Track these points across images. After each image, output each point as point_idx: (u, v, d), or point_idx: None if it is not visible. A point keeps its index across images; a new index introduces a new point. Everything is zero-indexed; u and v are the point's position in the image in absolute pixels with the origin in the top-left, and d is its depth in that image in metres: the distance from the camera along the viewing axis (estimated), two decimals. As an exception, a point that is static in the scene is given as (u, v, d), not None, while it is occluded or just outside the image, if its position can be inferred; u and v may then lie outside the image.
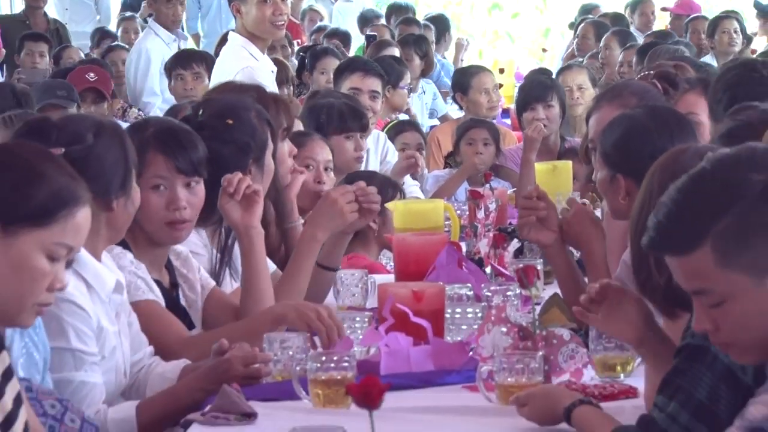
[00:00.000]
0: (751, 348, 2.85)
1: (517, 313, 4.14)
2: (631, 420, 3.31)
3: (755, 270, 2.75)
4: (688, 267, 2.81)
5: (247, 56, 7.38)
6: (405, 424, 3.43)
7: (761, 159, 2.80)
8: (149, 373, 4.12)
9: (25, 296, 3.08)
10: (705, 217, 2.77)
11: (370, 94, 7.98)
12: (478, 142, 8.07)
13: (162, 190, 4.36)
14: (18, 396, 3.18)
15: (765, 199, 2.74)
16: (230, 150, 4.69)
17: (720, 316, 2.80)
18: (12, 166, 3.13)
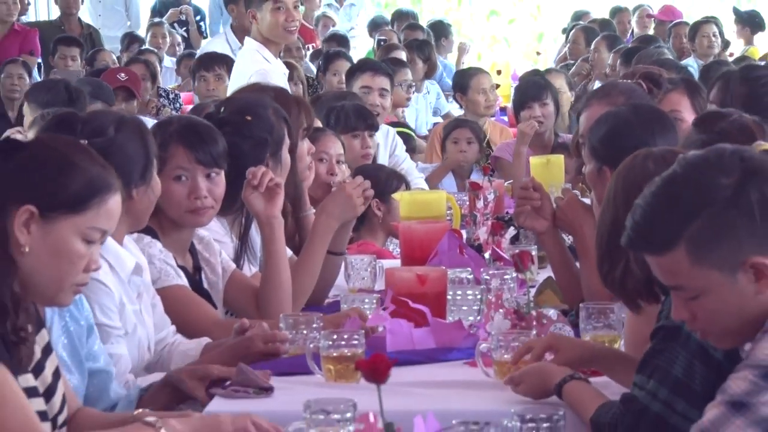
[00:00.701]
0: (726, 335, 2.86)
1: (514, 295, 4.13)
2: (617, 393, 3.31)
3: (726, 267, 2.76)
4: (665, 265, 2.82)
5: (261, 59, 7.39)
6: (410, 397, 3.43)
7: (729, 162, 2.79)
8: (173, 350, 4.13)
9: (63, 277, 3.09)
10: (678, 220, 2.77)
11: (379, 91, 8.01)
12: (462, 141, 8.10)
13: (184, 181, 4.38)
14: (56, 370, 3.19)
15: (733, 202, 2.75)
16: (249, 144, 4.69)
17: (696, 308, 2.81)
18: (48, 158, 3.13)
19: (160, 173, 4.28)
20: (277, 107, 4.89)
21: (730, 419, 2.71)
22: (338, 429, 2.96)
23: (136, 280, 4.03)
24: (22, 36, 12.82)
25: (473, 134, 8.15)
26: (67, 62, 11.29)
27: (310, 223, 5.14)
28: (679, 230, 2.77)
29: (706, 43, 11.91)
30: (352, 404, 2.96)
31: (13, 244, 3.03)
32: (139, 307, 4.02)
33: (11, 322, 2.96)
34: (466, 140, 8.11)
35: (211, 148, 4.43)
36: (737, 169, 2.77)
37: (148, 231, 4.32)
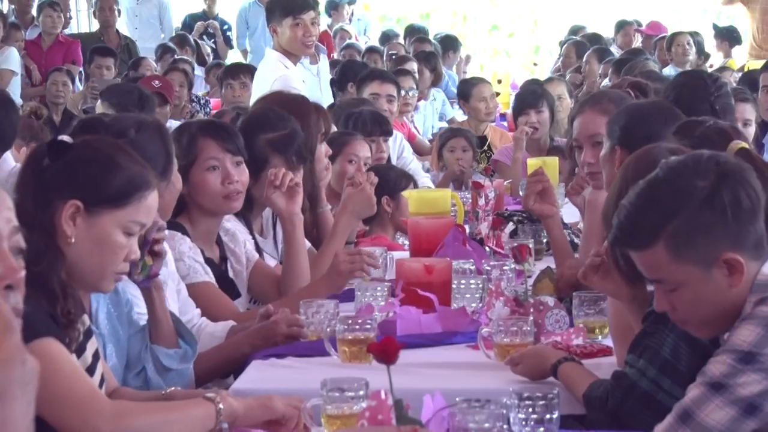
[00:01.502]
0: (703, 325, 2.86)
1: (512, 284, 4.13)
2: (607, 373, 3.31)
3: (703, 262, 2.76)
4: (646, 260, 2.82)
5: (281, 67, 7.40)
6: (417, 377, 3.43)
7: (705, 167, 2.80)
8: (200, 331, 4.13)
9: (105, 266, 3.10)
10: (658, 219, 2.78)
11: (387, 98, 8.04)
12: (458, 149, 8.09)
13: (216, 170, 4.39)
14: (96, 352, 3.19)
15: (708, 203, 2.75)
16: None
17: (676, 299, 2.81)
18: (93, 157, 3.14)
19: (194, 167, 4.32)
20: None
21: (709, 399, 2.71)
22: (352, 405, 2.96)
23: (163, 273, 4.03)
24: (65, 47, 12.84)
25: (467, 143, 8.15)
26: (102, 71, 11.30)
27: (326, 218, 5.16)
28: (659, 228, 2.77)
29: (681, 51, 11.99)
30: (364, 383, 2.97)
31: (60, 235, 3.04)
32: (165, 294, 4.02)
33: (60, 306, 2.97)
34: (462, 148, 8.11)
35: (235, 138, 4.47)
36: (712, 173, 2.78)
37: (179, 227, 4.32)
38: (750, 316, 2.73)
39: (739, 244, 2.75)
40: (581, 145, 4.62)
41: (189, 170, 4.34)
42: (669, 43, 12.25)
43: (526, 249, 4.43)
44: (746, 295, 2.76)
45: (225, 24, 15.24)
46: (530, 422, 2.91)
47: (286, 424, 3.02)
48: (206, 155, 4.39)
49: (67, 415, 2.77)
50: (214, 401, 2.94)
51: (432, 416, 2.76)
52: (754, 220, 2.77)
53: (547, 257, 5.26)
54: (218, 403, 2.93)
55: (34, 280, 2.95)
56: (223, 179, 4.38)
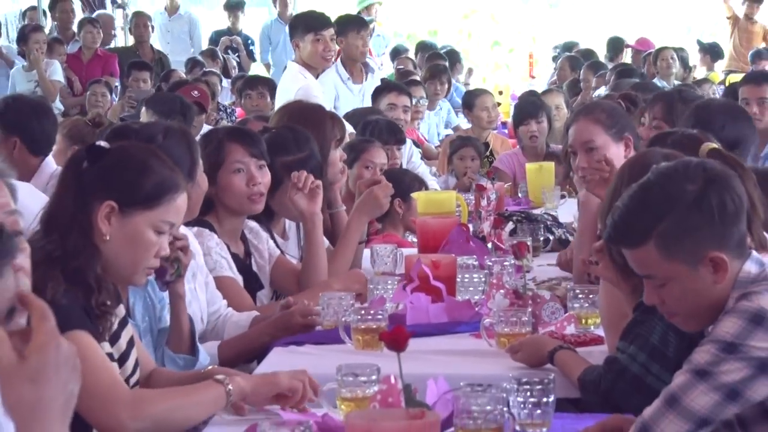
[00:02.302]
0: (690, 318, 2.85)
1: (512, 278, 4.12)
2: (599, 360, 3.30)
3: (690, 260, 2.76)
4: (638, 258, 2.82)
5: (302, 78, 7.41)
6: (425, 363, 3.42)
7: (693, 172, 2.80)
8: (226, 320, 4.13)
9: (138, 262, 3.10)
10: (649, 220, 2.78)
11: (402, 108, 8.06)
12: (467, 158, 8.11)
13: (241, 172, 4.38)
14: (131, 339, 3.19)
15: (696, 205, 2.75)
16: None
17: (664, 294, 2.81)
18: (127, 162, 3.14)
19: (221, 169, 4.32)
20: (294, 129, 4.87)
21: (694, 385, 2.70)
22: (365, 389, 2.96)
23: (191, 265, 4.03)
24: (103, 60, 12.86)
25: (476, 152, 8.17)
26: (139, 84, 11.31)
27: (340, 218, 5.16)
28: (650, 228, 2.76)
29: (665, 66, 11.98)
30: (376, 368, 2.97)
31: (96, 233, 3.04)
32: (193, 285, 4.02)
33: (95, 298, 2.97)
34: (470, 157, 8.13)
35: (259, 144, 4.46)
36: (700, 178, 2.77)
37: (207, 225, 4.32)
38: (733, 310, 2.72)
39: (724, 244, 2.75)
40: (576, 151, 4.61)
41: (216, 172, 4.33)
42: (654, 57, 12.24)
43: (525, 246, 4.41)
44: (729, 291, 2.76)
45: (249, 39, 15.24)
46: (528, 405, 2.91)
47: (292, 396, 3.02)
48: (232, 159, 4.38)
49: (91, 403, 2.76)
50: (224, 383, 2.96)
51: (438, 399, 2.75)
52: (737, 221, 2.77)
53: (544, 254, 5.26)
54: (227, 385, 2.96)
55: (71, 275, 2.97)
56: (247, 181, 4.38)
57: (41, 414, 1.73)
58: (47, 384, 1.73)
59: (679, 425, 2.69)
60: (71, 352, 1.76)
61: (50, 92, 11.55)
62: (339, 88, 8.56)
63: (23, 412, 1.73)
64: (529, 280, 4.25)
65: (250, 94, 9.83)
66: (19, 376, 1.71)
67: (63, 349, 1.75)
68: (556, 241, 5.41)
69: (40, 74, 11.88)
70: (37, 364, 1.72)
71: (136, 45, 13.70)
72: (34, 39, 12.11)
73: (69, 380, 1.76)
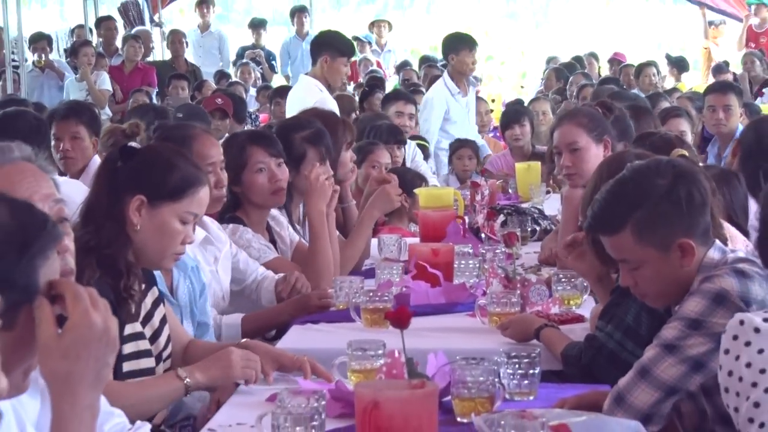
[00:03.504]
0: (659, 297, 2.86)
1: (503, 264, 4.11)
2: (580, 337, 3.29)
3: (661, 246, 2.76)
4: (614, 244, 2.82)
5: (318, 92, 7.28)
6: (425, 339, 3.41)
7: (663, 169, 2.80)
8: (263, 281, 4.17)
9: (165, 248, 3.09)
10: (625, 210, 2.78)
11: (408, 115, 8.03)
12: (465, 158, 8.11)
13: (263, 171, 4.36)
14: (163, 318, 3.18)
15: (666, 197, 2.76)
16: None
17: (638, 276, 2.80)
18: (156, 160, 3.14)
19: (245, 170, 4.30)
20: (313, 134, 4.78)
21: (663, 358, 2.69)
22: (372, 362, 2.95)
23: (212, 249, 4.03)
24: (143, 72, 12.85)
25: (473, 152, 8.17)
26: (178, 91, 11.34)
27: (351, 212, 5.17)
28: (626, 217, 2.76)
29: (648, 81, 11.94)
30: (382, 344, 2.96)
31: (128, 224, 3.04)
32: (215, 268, 4.03)
33: (123, 282, 2.97)
34: (468, 157, 8.13)
35: (276, 144, 4.44)
36: (670, 174, 2.78)
37: (238, 220, 4.34)
38: (697, 291, 2.72)
39: (692, 232, 2.74)
40: (561, 152, 4.59)
41: (241, 173, 4.32)
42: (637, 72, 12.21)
43: (515, 236, 4.41)
44: (695, 274, 2.76)
45: (270, 54, 15.25)
46: (516, 376, 2.90)
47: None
48: (255, 160, 4.36)
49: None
50: (183, 378, 2.94)
51: (437, 371, 2.75)
52: (703, 212, 2.77)
53: (531, 243, 5.25)
54: (185, 378, 2.94)
55: (104, 261, 2.96)
56: (269, 178, 4.36)
57: (71, 386, 1.73)
58: (77, 360, 1.72)
59: (649, 394, 2.68)
60: (105, 328, 1.75)
61: (100, 100, 11.56)
62: (449, 101, 8.45)
63: (56, 383, 1.73)
64: (518, 266, 4.23)
65: (279, 101, 9.90)
66: (54, 350, 1.71)
67: (96, 329, 1.74)
68: (542, 232, 5.41)
69: (89, 84, 11.89)
70: (69, 342, 1.72)
71: (172, 59, 13.70)
72: (83, 53, 12.13)
73: (102, 354, 1.74)
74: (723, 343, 2.26)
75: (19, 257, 1.64)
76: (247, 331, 3.92)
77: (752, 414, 2.19)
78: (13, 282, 1.63)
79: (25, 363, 1.70)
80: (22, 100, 9.36)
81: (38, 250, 1.66)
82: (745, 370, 2.21)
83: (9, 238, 1.64)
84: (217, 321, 3.88)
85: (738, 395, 2.22)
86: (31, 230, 1.66)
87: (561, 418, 2.46)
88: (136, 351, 3.03)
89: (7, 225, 1.65)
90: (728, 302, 2.66)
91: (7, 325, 1.60)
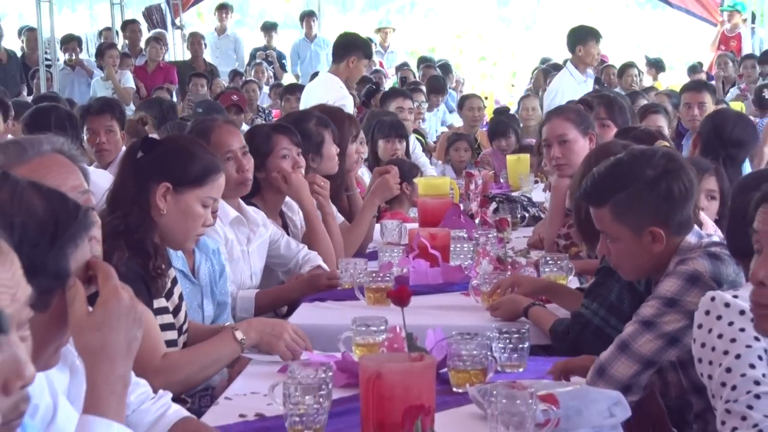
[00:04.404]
0: (630, 271, 2.87)
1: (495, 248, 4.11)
2: (565, 314, 3.29)
3: (635, 228, 2.76)
4: (596, 215, 2.82)
5: (339, 89, 7.17)
6: (423, 316, 3.41)
7: (657, 160, 2.78)
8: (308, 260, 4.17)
9: (188, 230, 3.10)
10: (610, 189, 2.77)
11: (408, 110, 8.00)
12: (461, 150, 8.09)
13: (287, 158, 4.35)
14: (181, 294, 3.18)
15: (650, 187, 2.75)
16: None
17: (612, 248, 2.81)
18: (177, 150, 3.14)
19: (271, 156, 4.28)
20: (321, 117, 4.84)
21: (642, 334, 2.69)
22: (375, 337, 2.95)
23: (244, 230, 4.03)
24: (165, 71, 12.84)
25: (468, 145, 8.18)
26: (197, 89, 11.33)
27: (355, 199, 5.15)
28: (609, 195, 2.76)
29: (630, 81, 11.93)
30: (384, 320, 2.96)
31: (153, 209, 3.04)
32: (246, 248, 4.02)
33: (152, 262, 2.97)
34: (464, 149, 8.13)
35: (296, 134, 4.43)
36: (661, 167, 2.76)
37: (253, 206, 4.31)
38: (673, 272, 2.72)
39: (665, 223, 2.74)
40: (551, 144, 4.60)
41: (266, 159, 4.29)
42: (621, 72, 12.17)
43: (506, 222, 4.41)
44: (672, 256, 2.75)
45: (282, 55, 15.23)
46: (507, 350, 2.90)
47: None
48: (280, 147, 4.35)
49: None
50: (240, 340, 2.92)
51: (434, 345, 2.74)
52: (683, 206, 2.75)
53: (521, 228, 5.25)
54: (243, 340, 2.93)
55: (133, 245, 2.96)
56: (292, 165, 4.36)
57: (105, 356, 1.73)
58: (110, 332, 1.72)
59: (629, 366, 2.68)
60: (132, 304, 1.75)
61: (125, 97, 11.54)
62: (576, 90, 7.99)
63: (90, 355, 1.73)
64: (509, 249, 4.23)
65: (288, 98, 9.95)
66: (87, 326, 1.71)
67: (124, 303, 1.74)
68: (531, 218, 5.41)
69: (114, 83, 11.88)
70: (101, 316, 1.72)
71: (191, 59, 13.68)
72: (108, 54, 12.11)
73: (131, 328, 1.75)
74: (696, 318, 2.26)
75: (50, 245, 1.63)
76: (260, 306, 3.92)
77: (724, 378, 2.20)
78: (45, 268, 1.62)
79: (56, 342, 1.69)
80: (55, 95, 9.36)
81: (69, 238, 1.66)
82: (717, 340, 2.21)
83: (42, 228, 1.63)
84: (234, 294, 3.87)
85: (711, 363, 2.22)
86: (62, 219, 1.65)
87: (548, 388, 2.46)
88: (162, 324, 3.03)
89: (40, 214, 1.64)
90: (701, 282, 2.65)
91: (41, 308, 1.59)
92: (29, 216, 1.62)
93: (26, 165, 2.19)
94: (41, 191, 1.68)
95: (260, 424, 2.49)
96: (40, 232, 1.62)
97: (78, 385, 1.82)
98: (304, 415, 2.37)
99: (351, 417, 2.43)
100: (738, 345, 2.19)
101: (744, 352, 2.17)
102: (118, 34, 14.47)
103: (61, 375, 2.04)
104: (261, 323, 3.01)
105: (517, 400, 2.27)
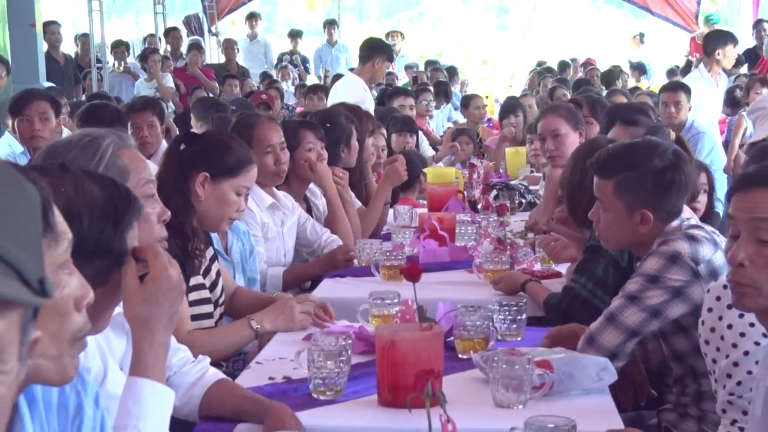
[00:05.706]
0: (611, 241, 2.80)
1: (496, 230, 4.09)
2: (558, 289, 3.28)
3: (629, 206, 2.71)
4: (598, 184, 2.76)
5: (363, 91, 7.11)
6: (433, 291, 3.39)
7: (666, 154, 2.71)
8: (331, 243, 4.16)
9: (224, 215, 3.09)
10: (618, 166, 2.71)
11: (409, 107, 7.98)
12: (464, 143, 8.05)
13: (312, 151, 4.33)
14: (218, 271, 3.18)
15: (654, 174, 2.69)
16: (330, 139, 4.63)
17: (603, 216, 2.75)
18: (215, 143, 3.13)
19: (298, 149, 4.26)
20: (348, 114, 4.85)
21: (627, 307, 2.67)
22: (389, 309, 2.94)
23: (279, 214, 4.03)
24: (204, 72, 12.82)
25: (470, 139, 8.14)
26: (231, 89, 11.32)
27: (370, 186, 5.14)
28: (616, 172, 2.70)
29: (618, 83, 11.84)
30: (397, 294, 2.96)
31: (193, 195, 3.03)
32: (281, 230, 4.02)
33: (191, 244, 2.96)
34: (466, 142, 8.09)
35: (321, 130, 4.42)
36: (669, 159, 2.70)
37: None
38: (655, 252, 2.69)
39: (657, 209, 2.70)
40: (545, 138, 4.59)
41: (294, 151, 4.26)
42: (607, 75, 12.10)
43: (505, 207, 4.39)
44: (656, 237, 2.72)
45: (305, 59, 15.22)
46: (507, 321, 2.89)
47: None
48: (306, 141, 4.33)
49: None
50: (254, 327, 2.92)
51: (442, 317, 2.73)
52: (678, 197, 2.71)
53: (519, 213, 5.23)
54: (256, 327, 2.92)
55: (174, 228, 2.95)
56: (317, 157, 4.34)
57: (150, 326, 1.74)
58: (156, 305, 1.73)
59: (615, 336, 2.67)
60: (179, 280, 1.76)
61: (167, 96, 11.56)
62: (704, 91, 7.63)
63: (138, 324, 1.75)
64: (509, 231, 4.21)
65: (312, 96, 9.93)
66: (137, 298, 1.72)
67: (173, 279, 1.75)
68: (528, 204, 5.39)
69: (159, 83, 11.88)
70: (149, 290, 1.72)
71: (226, 62, 13.68)
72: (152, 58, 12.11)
73: (174, 302, 1.76)
74: (706, 302, 2.25)
75: (114, 230, 1.64)
76: (287, 281, 3.91)
77: (730, 371, 2.20)
78: (110, 249, 1.64)
79: (111, 310, 1.71)
80: (105, 95, 9.36)
81: (127, 221, 1.67)
82: (727, 330, 2.20)
83: (104, 214, 1.64)
84: (264, 272, 3.86)
85: (718, 350, 2.22)
86: (120, 205, 1.66)
87: (543, 354, 2.45)
88: (199, 299, 3.03)
89: (100, 202, 1.64)
90: (681, 261, 2.63)
91: (103, 282, 1.62)
92: (93, 205, 1.63)
93: (126, 152, 2.19)
94: (97, 180, 1.69)
95: (287, 386, 2.49)
96: (104, 218, 1.63)
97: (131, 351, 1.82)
98: (326, 378, 2.37)
99: (368, 380, 2.43)
100: (747, 341, 2.19)
101: (753, 350, 2.17)
102: (161, 40, 14.47)
103: (119, 341, 2.07)
104: (273, 312, 2.97)
105: (516, 366, 2.27)
